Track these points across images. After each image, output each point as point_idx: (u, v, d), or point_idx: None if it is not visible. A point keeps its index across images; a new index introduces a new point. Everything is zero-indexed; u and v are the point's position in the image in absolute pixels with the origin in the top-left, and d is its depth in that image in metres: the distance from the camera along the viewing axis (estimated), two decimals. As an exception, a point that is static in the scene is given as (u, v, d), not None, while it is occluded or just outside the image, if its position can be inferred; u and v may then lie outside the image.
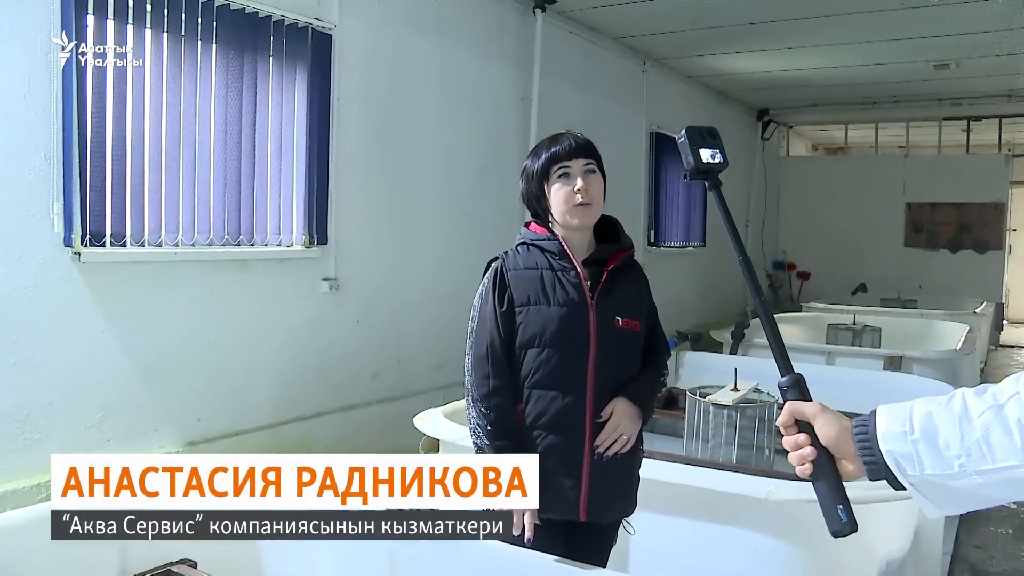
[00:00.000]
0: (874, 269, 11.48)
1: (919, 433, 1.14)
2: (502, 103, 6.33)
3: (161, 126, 3.84)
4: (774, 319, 1.38)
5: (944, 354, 5.58)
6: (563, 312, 2.05)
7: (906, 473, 1.14)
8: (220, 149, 4.11)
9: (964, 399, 1.14)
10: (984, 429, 1.09)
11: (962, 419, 1.12)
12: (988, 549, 4.07)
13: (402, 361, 5.33)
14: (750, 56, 8.60)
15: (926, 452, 1.13)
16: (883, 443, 1.16)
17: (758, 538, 2.59)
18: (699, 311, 9.79)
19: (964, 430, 1.11)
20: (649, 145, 8.78)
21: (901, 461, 1.15)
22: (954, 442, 1.11)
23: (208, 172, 4.07)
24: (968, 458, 1.10)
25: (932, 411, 1.15)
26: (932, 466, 1.12)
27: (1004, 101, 10.38)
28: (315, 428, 4.73)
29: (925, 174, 11.70)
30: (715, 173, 1.46)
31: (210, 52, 4.03)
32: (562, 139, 2.11)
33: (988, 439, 1.09)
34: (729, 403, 3.57)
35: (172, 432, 4.02)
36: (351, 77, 4.88)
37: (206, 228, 4.07)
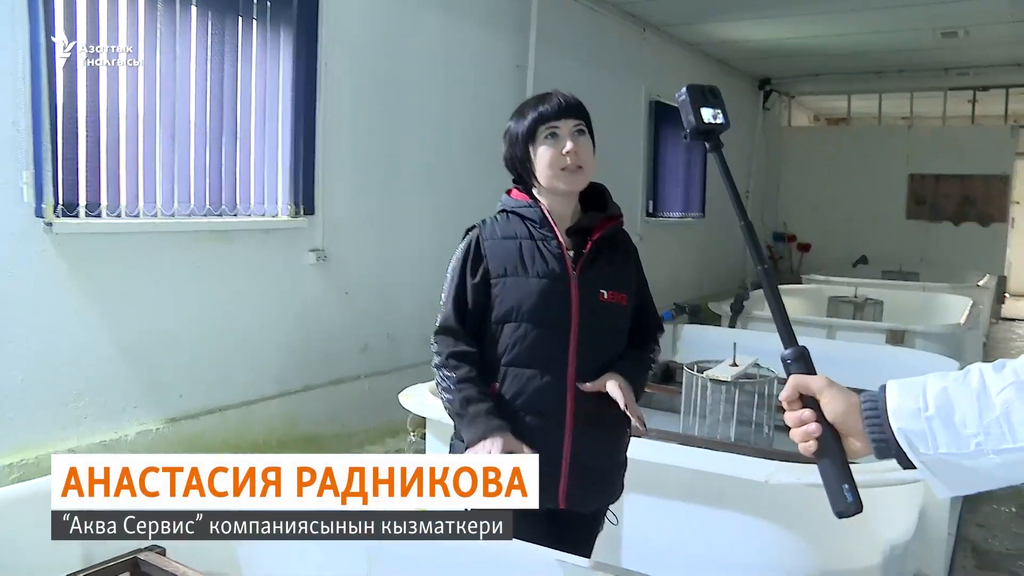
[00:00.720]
0: (875, 241, 11.36)
1: (934, 410, 1.07)
2: (497, 70, 6.17)
3: (138, 91, 3.69)
4: (778, 288, 1.28)
5: (948, 328, 5.46)
6: (542, 284, 1.90)
7: (918, 452, 1.08)
8: (200, 115, 3.96)
9: (982, 374, 1.07)
10: (1005, 406, 1.03)
11: (980, 396, 1.05)
12: (990, 528, 3.99)
13: (392, 334, 5.22)
14: (752, 24, 8.41)
15: (941, 430, 1.06)
16: (895, 420, 1.09)
17: (757, 523, 2.48)
18: (697, 283, 9.69)
19: (983, 407, 1.04)
20: (648, 114, 8.62)
21: (913, 439, 1.08)
22: (972, 420, 1.04)
23: (188, 139, 3.92)
24: (987, 437, 1.03)
25: (947, 387, 1.08)
26: (947, 445, 1.06)
27: (1012, 70, 10.21)
28: (302, 403, 4.63)
29: (929, 146, 11.55)
30: (716, 134, 1.38)
31: (189, 13, 3.86)
32: (550, 98, 1.95)
33: (1009, 417, 1.02)
34: (728, 378, 3.46)
35: (152, 409, 3.91)
36: (339, 42, 4.72)
37: (186, 198, 3.94)
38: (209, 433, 4.13)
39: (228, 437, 4.21)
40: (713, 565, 2.54)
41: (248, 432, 4.32)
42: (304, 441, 4.61)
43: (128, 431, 3.78)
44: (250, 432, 4.33)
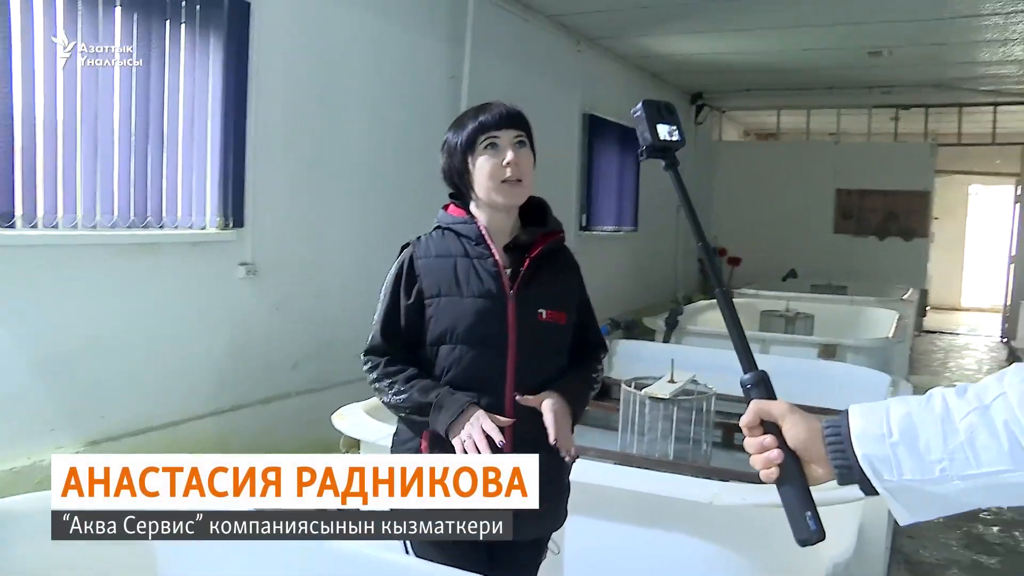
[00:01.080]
0: (804, 255, 11.55)
1: (898, 436, 1.06)
2: (431, 81, 6.09)
3: (56, 95, 3.51)
4: (735, 311, 1.25)
5: (878, 342, 5.57)
6: (478, 304, 1.84)
7: (882, 478, 1.07)
8: (124, 122, 3.80)
9: (945, 400, 1.07)
10: (969, 432, 1.02)
11: (944, 421, 1.04)
12: (920, 539, 4.06)
13: (324, 349, 5.09)
14: (686, 38, 8.50)
15: (906, 456, 1.05)
16: (859, 446, 1.08)
17: (701, 543, 2.44)
18: (631, 297, 9.72)
19: (947, 432, 1.03)
20: (582, 127, 8.65)
21: (878, 465, 1.07)
22: (936, 445, 1.03)
23: (111, 147, 3.75)
24: (951, 462, 1.02)
25: (911, 412, 1.07)
26: (912, 471, 1.05)
27: (931, 91, 10.51)
28: (232, 423, 4.47)
29: (855, 161, 11.82)
30: (672, 151, 1.35)
31: (112, 15, 3.70)
32: (490, 108, 1.89)
33: (973, 443, 1.01)
34: (666, 396, 3.44)
35: (72, 431, 3.72)
36: (271, 49, 4.59)
37: (109, 209, 3.77)
38: (132, 456, 3.95)
39: (153, 459, 4.04)
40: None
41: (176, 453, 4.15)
42: (233, 462, 4.46)
43: (44, 456, 3.58)
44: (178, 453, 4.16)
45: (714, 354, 4.84)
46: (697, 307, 7.39)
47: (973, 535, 4.14)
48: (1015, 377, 1.02)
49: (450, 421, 1.77)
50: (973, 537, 4.13)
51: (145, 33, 3.84)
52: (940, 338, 11.73)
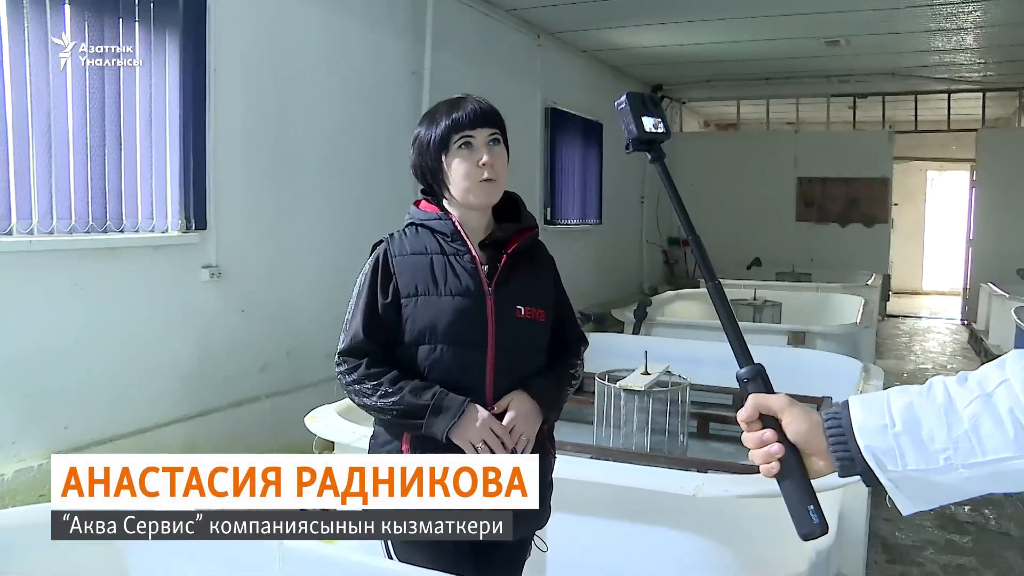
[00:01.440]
0: (767, 243, 11.65)
1: (901, 426, 1.05)
2: (392, 77, 6.03)
3: (5, 95, 3.40)
4: (730, 305, 1.22)
5: (846, 328, 5.62)
6: (456, 302, 1.80)
7: (886, 469, 1.06)
8: (79, 123, 3.69)
9: (946, 388, 1.06)
10: (973, 420, 1.01)
11: (947, 410, 1.04)
12: (896, 522, 4.09)
13: (292, 352, 5.02)
14: (645, 30, 8.51)
15: (909, 446, 1.04)
16: (861, 437, 1.07)
17: (683, 536, 2.43)
18: (597, 290, 9.74)
19: (951, 421, 1.03)
20: (544, 120, 8.64)
21: (881, 456, 1.06)
22: (940, 435, 1.03)
23: (67, 150, 3.65)
24: (956, 451, 1.02)
25: (913, 402, 1.07)
26: (915, 461, 1.04)
27: (888, 79, 10.63)
28: (200, 428, 4.39)
29: (815, 150, 11.93)
30: (658, 144, 1.31)
31: (62, 12, 3.59)
32: (464, 104, 1.83)
33: (978, 430, 1.01)
34: (641, 388, 3.42)
35: (33, 443, 3.62)
36: (229, 47, 4.50)
37: (66, 213, 3.67)
38: (98, 466, 3.86)
39: (119, 469, 3.95)
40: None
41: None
42: (202, 468, 4.37)
43: (5, 470, 3.48)
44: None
45: (685, 344, 4.87)
46: (664, 298, 7.41)
47: (946, 515, 4.18)
48: (1016, 364, 1.01)
49: (451, 424, 1.73)
50: (946, 517, 4.17)
51: (97, 31, 3.73)
52: (904, 322, 11.89)
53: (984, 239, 11.16)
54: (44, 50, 3.54)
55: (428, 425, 1.75)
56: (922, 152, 14.09)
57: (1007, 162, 10.89)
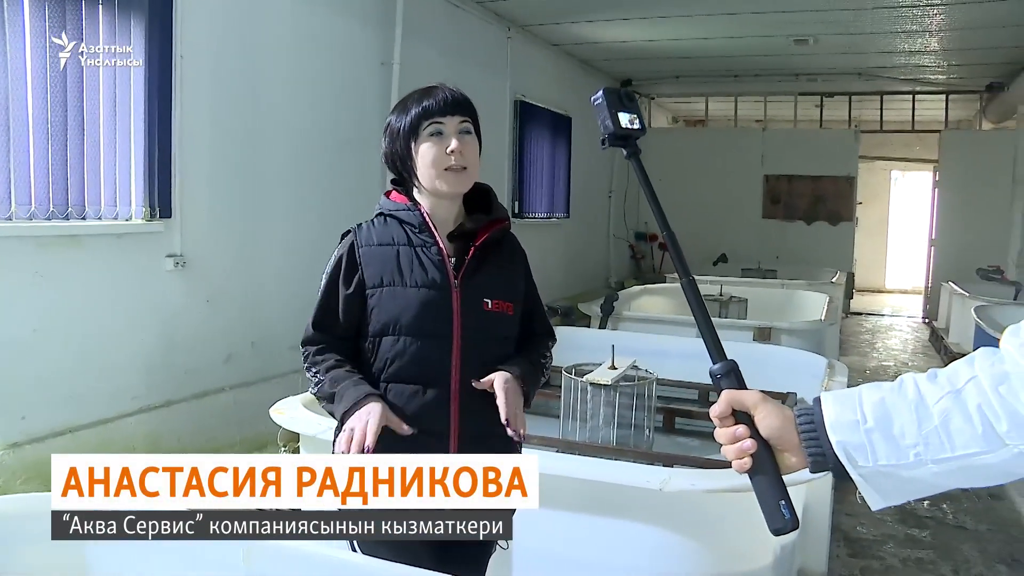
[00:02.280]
0: (734, 240, 11.74)
1: (873, 422, 1.06)
2: (362, 67, 5.99)
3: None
4: (703, 301, 1.22)
5: (811, 324, 5.68)
6: (422, 294, 1.78)
7: (857, 464, 1.07)
8: (40, 107, 3.62)
9: (917, 385, 1.07)
10: (943, 416, 1.03)
11: (918, 406, 1.05)
12: (857, 516, 4.15)
13: (257, 342, 4.97)
14: (615, 25, 8.52)
15: (880, 442, 1.06)
16: (833, 433, 1.08)
17: (649, 529, 2.44)
18: (564, 284, 9.76)
19: (921, 417, 1.04)
20: (513, 114, 8.63)
21: (852, 452, 1.07)
22: (910, 430, 1.04)
23: (26, 135, 3.57)
24: (926, 447, 1.03)
25: (884, 398, 1.08)
26: (886, 456, 1.05)
27: (854, 79, 10.75)
28: (163, 419, 4.33)
29: (782, 147, 12.03)
30: (634, 139, 1.31)
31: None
32: (435, 92, 1.82)
33: (948, 426, 1.02)
34: (608, 382, 3.43)
35: (-11, 433, 3.55)
36: (196, 32, 4.43)
37: (26, 200, 3.59)
38: (58, 457, 3.79)
39: (80, 460, 3.89)
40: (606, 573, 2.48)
41: (105, 453, 4.00)
42: (165, 460, 4.32)
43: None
44: (108, 453, 4.01)
45: (652, 339, 4.89)
46: (631, 292, 7.44)
47: (906, 510, 4.25)
48: (985, 361, 1.03)
49: (344, 411, 1.73)
50: (906, 512, 4.23)
51: (59, 13, 3.66)
52: (867, 319, 12.05)
53: (946, 239, 11.33)
54: (2, 32, 3.46)
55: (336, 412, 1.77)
56: (887, 152, 14.29)
57: (969, 163, 11.06)
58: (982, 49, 8.93)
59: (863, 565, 3.68)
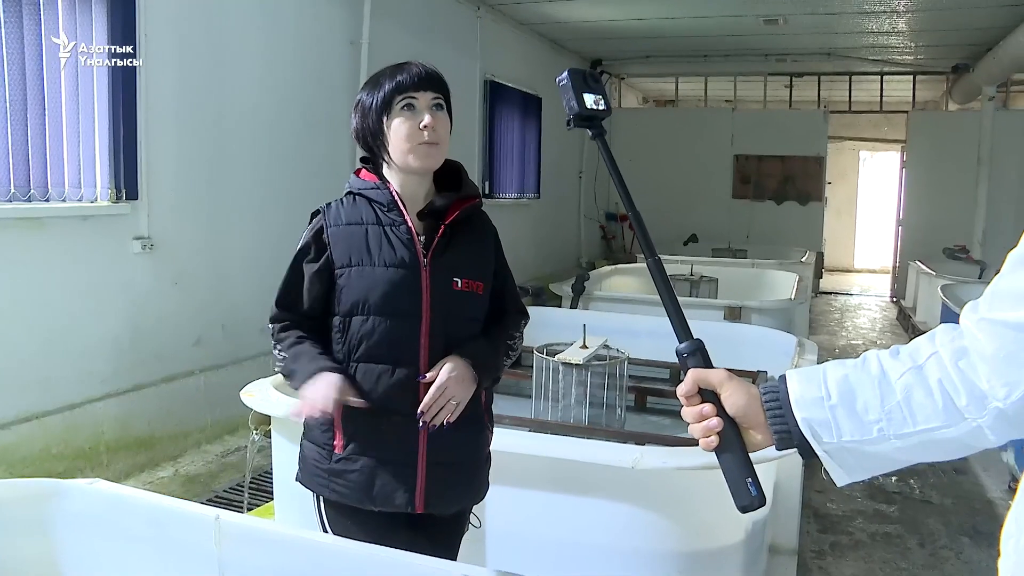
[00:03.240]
0: (704, 220, 11.81)
1: (837, 398, 1.07)
2: (330, 46, 5.93)
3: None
4: (669, 281, 1.22)
5: (781, 303, 5.71)
6: (390, 274, 1.76)
7: (822, 441, 1.08)
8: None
9: (880, 361, 1.07)
10: (905, 391, 1.03)
11: (881, 382, 1.05)
12: (827, 493, 4.22)
13: (227, 325, 4.92)
14: (585, 5, 8.51)
15: (844, 418, 1.06)
16: (798, 410, 1.09)
17: (622, 508, 2.45)
18: (535, 264, 9.77)
19: (884, 393, 1.04)
20: (483, 94, 8.60)
21: (817, 428, 1.08)
22: (874, 406, 1.05)
23: (-14, 115, 3.51)
24: (888, 422, 1.04)
25: (848, 375, 1.08)
26: (850, 432, 1.06)
27: (823, 59, 10.82)
28: (132, 403, 4.29)
29: (752, 128, 12.09)
30: (599, 120, 1.32)
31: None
32: (408, 67, 1.80)
33: (909, 401, 1.03)
34: (580, 361, 3.43)
35: (-47, 419, 3.50)
36: (162, 12, 4.36)
37: (-13, 181, 3.53)
38: (26, 444, 3.75)
39: (50, 446, 3.84)
40: (578, 551, 2.50)
41: (73, 439, 3.96)
42: (137, 444, 4.28)
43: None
44: (76, 439, 3.97)
45: (623, 319, 4.90)
46: (602, 272, 7.46)
47: (875, 486, 4.31)
48: (945, 336, 1.04)
49: (301, 383, 1.73)
50: (875, 488, 4.30)
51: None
52: (836, 299, 12.18)
53: (913, 219, 11.47)
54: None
55: (294, 386, 1.77)
56: (855, 132, 14.44)
57: (935, 144, 11.19)
58: (948, 31, 9.02)
59: (833, 540, 3.73)
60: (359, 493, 1.78)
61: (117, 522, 1.90)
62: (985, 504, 4.20)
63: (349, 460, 1.79)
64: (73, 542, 1.93)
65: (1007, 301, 0.96)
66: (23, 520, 1.90)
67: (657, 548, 2.43)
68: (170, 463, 4.43)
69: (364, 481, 1.78)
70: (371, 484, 1.78)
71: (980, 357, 0.98)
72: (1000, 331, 0.96)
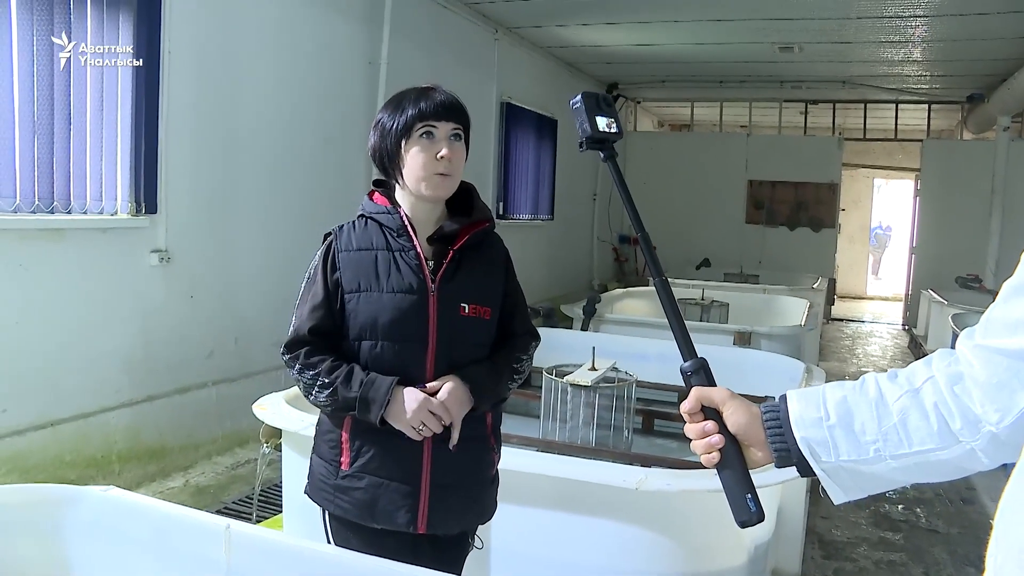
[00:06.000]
0: (717, 244, 11.81)
1: (835, 419, 1.10)
2: (348, 66, 6.00)
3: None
4: (675, 301, 1.26)
5: (790, 329, 5.72)
6: (397, 299, 1.78)
7: (820, 460, 1.11)
8: (27, 100, 3.61)
9: (878, 383, 1.11)
10: (902, 413, 1.06)
11: (878, 404, 1.08)
12: (832, 519, 4.20)
13: (239, 338, 4.97)
14: (602, 29, 8.57)
15: (842, 438, 1.10)
16: (797, 429, 1.13)
17: (626, 529, 2.47)
18: (547, 285, 9.80)
19: (881, 415, 1.08)
20: (499, 115, 8.66)
21: (816, 448, 1.11)
22: (871, 427, 1.08)
23: (12, 127, 3.57)
24: (885, 443, 1.07)
25: (847, 396, 1.12)
26: (848, 452, 1.09)
27: (839, 87, 10.85)
28: (145, 414, 4.34)
29: (766, 153, 12.11)
30: (611, 143, 1.37)
31: (13, -10, 3.52)
32: (431, 94, 1.82)
33: (905, 424, 1.06)
34: (588, 383, 3.46)
35: (-30, 425, 3.55)
36: (184, 29, 4.44)
37: (11, 192, 3.59)
38: (39, 451, 3.79)
39: (62, 453, 3.89)
40: (582, 571, 2.51)
41: (85, 447, 4.00)
42: (148, 454, 4.32)
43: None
44: (87, 447, 4.02)
45: (633, 342, 4.92)
46: (613, 295, 7.48)
47: (880, 514, 4.31)
48: (941, 362, 1.07)
49: (380, 413, 1.73)
50: (880, 516, 4.29)
51: (48, 11, 3.66)
52: (847, 325, 12.14)
53: (926, 247, 11.43)
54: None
55: (362, 416, 1.76)
56: (869, 160, 14.45)
57: (949, 173, 11.17)
58: (963, 61, 9.04)
59: (836, 567, 3.73)
60: (362, 510, 1.81)
61: (129, 530, 1.93)
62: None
63: (355, 477, 1.81)
64: (85, 548, 1.95)
65: (1001, 329, 0.99)
66: (36, 525, 1.92)
67: (660, 570, 2.44)
68: (180, 474, 4.47)
69: (368, 499, 1.80)
70: (374, 502, 1.80)
71: (974, 383, 1.01)
72: (994, 358, 0.99)
